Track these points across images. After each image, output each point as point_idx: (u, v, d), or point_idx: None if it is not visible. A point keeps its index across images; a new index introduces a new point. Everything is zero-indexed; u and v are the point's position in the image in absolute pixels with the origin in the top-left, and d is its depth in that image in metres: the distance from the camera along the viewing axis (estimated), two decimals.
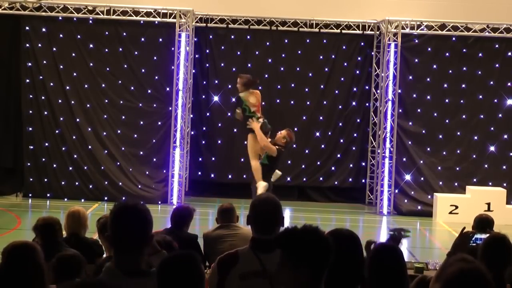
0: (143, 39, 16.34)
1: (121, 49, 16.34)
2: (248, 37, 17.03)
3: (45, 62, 16.16)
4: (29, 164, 16.16)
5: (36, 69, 16.12)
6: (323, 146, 17.13)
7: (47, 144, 16.16)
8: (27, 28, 16.19)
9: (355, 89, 17.18)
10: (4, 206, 15.16)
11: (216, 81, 16.89)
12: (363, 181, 17.25)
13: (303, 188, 17.23)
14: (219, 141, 17.08)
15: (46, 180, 16.17)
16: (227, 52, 17.04)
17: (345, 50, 17.11)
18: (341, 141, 17.17)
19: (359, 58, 17.17)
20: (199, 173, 17.21)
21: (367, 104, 17.26)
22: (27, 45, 16.16)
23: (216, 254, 5.28)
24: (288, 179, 16.72)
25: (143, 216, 3.68)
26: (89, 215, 8.59)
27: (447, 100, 16.68)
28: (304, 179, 17.12)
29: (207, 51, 17.08)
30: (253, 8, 16.76)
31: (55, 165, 16.16)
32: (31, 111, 16.17)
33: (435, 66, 16.66)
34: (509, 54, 16.70)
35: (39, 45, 16.15)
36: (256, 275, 4.26)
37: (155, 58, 16.42)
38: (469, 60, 16.64)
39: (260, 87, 17.22)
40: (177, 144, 16.19)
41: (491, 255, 4.99)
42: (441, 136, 16.68)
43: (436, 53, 16.64)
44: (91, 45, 16.27)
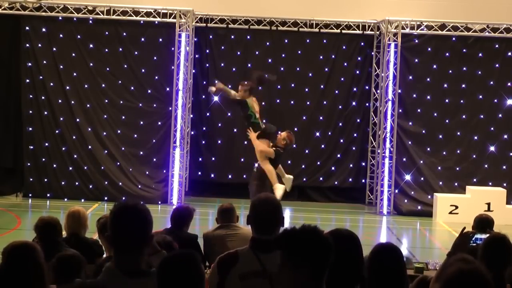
0: (143, 39, 16.34)
1: (121, 49, 16.34)
2: (248, 37, 17.03)
3: (45, 62, 16.16)
4: (29, 164, 16.16)
5: (36, 69, 16.12)
6: (323, 146, 17.13)
7: (47, 144, 16.16)
8: (27, 28, 16.19)
9: (355, 89, 17.18)
10: (4, 206, 15.15)
11: (216, 81, 16.84)
12: (363, 181, 17.25)
13: (303, 188, 17.21)
14: (219, 141, 17.08)
15: (46, 180, 16.17)
16: (227, 52, 17.04)
17: (345, 50, 17.11)
18: (341, 141, 17.17)
19: (359, 58, 17.17)
20: (199, 173, 17.21)
21: (367, 104, 17.26)
22: (27, 45, 16.16)
23: (216, 254, 5.28)
24: None
25: (143, 216, 3.68)
26: (89, 215, 8.58)
27: (447, 100, 16.68)
28: (304, 179, 17.11)
29: (207, 51, 17.08)
30: (253, 8, 16.76)
31: (55, 165, 16.16)
32: (31, 111, 16.17)
33: (435, 66, 16.66)
34: (509, 54, 16.70)
35: (39, 45, 16.15)
36: (256, 275, 4.26)
37: (155, 58, 16.42)
38: (469, 60, 16.63)
39: (259, 87, 17.27)
40: (177, 144, 16.19)
41: (491, 255, 4.99)
42: (441, 136, 16.67)
43: (436, 53, 16.63)
44: (91, 45, 16.27)
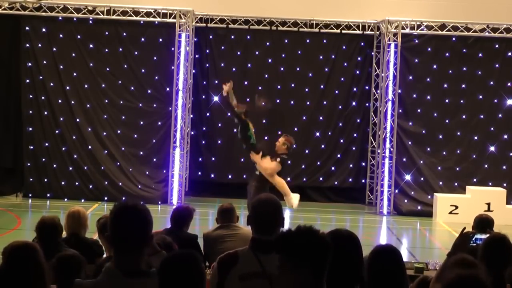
0: (143, 39, 16.34)
1: (121, 49, 16.34)
2: (248, 37, 17.03)
3: (45, 62, 16.16)
4: (29, 164, 16.16)
5: (36, 69, 16.12)
6: (323, 146, 17.13)
7: (47, 144, 16.16)
8: (27, 28, 16.19)
9: (355, 89, 17.18)
10: (4, 206, 15.16)
11: (216, 81, 16.86)
12: (363, 181, 17.25)
13: (303, 188, 17.15)
14: (219, 141, 17.08)
15: (46, 180, 16.17)
16: (227, 52, 17.04)
17: (345, 50, 17.11)
18: (341, 141, 17.17)
19: (359, 58, 17.17)
20: (199, 173, 17.21)
21: (367, 104, 17.26)
22: (27, 45, 16.16)
23: (216, 254, 5.28)
24: (288, 179, 16.65)
25: (143, 216, 3.68)
26: (89, 215, 8.57)
27: (447, 100, 16.68)
28: (304, 179, 17.11)
29: (207, 51, 17.08)
30: (253, 8, 16.76)
31: (55, 165, 16.16)
32: (31, 111, 16.17)
33: (435, 66, 16.66)
34: (509, 54, 16.70)
35: (39, 45, 16.16)
36: (256, 276, 4.25)
37: (155, 58, 16.42)
38: (469, 60, 16.63)
39: (259, 87, 17.27)
40: (177, 144, 16.19)
41: (491, 255, 4.99)
42: (441, 136, 16.67)
43: (436, 53, 16.63)
44: (91, 45, 16.27)
